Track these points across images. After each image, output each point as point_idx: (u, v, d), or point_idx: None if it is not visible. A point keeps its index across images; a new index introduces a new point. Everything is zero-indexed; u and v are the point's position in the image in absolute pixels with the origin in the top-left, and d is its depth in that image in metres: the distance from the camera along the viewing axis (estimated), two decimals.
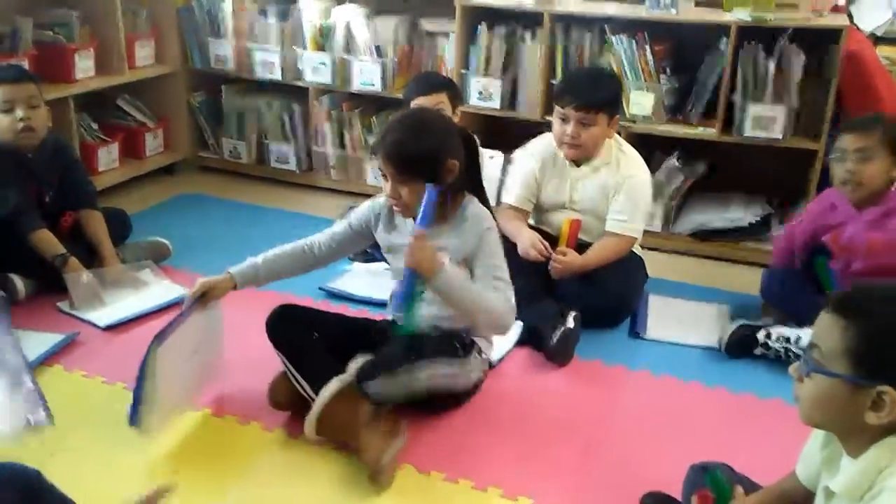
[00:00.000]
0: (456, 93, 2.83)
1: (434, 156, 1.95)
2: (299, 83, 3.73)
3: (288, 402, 2.07)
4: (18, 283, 2.60)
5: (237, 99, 3.90)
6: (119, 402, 2.08)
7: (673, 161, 3.26)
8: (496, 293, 2.05)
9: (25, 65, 3.07)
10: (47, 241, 2.59)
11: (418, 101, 2.71)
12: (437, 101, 2.69)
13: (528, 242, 2.54)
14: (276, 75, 3.74)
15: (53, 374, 2.24)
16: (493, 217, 2.12)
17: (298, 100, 3.81)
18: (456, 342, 2.06)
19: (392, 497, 1.83)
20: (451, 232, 2.06)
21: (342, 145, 3.76)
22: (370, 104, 3.72)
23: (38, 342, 2.33)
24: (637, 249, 2.77)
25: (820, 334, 1.25)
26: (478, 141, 2.12)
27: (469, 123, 3.49)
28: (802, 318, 2.37)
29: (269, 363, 2.08)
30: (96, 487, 1.73)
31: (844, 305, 1.23)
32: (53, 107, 3.13)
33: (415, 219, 1.96)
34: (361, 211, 2.19)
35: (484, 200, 2.14)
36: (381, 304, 2.48)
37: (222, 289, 2.07)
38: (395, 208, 2.05)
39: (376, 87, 3.57)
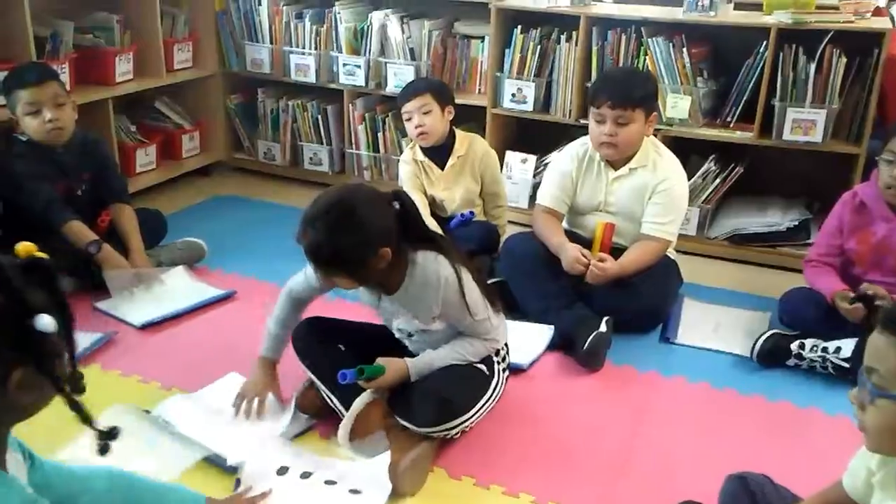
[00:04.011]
0: (441, 92, 2.88)
1: (356, 254, 1.79)
2: (334, 86, 3.75)
3: (316, 410, 2.07)
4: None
5: (272, 101, 3.93)
6: (154, 401, 2.12)
7: (709, 164, 3.21)
8: (475, 344, 2.00)
9: (66, 68, 3.13)
10: (79, 231, 2.63)
11: (406, 108, 2.84)
12: (423, 104, 2.82)
13: (573, 258, 2.50)
14: (311, 78, 3.77)
15: (91, 372, 2.27)
16: (447, 249, 1.95)
17: (333, 102, 3.83)
18: (481, 370, 2.01)
19: (422, 502, 1.82)
20: (408, 299, 1.94)
21: (376, 147, 3.77)
22: None
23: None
24: (671, 253, 2.73)
25: (875, 356, 1.17)
26: (411, 199, 1.92)
27: (501, 126, 3.50)
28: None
29: (297, 366, 2.10)
30: None
31: None
32: (92, 109, 3.20)
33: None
34: None
35: (431, 243, 1.95)
36: None
37: (274, 377, 2.10)
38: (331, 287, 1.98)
39: None
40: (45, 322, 1.05)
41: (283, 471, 1.82)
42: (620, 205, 2.64)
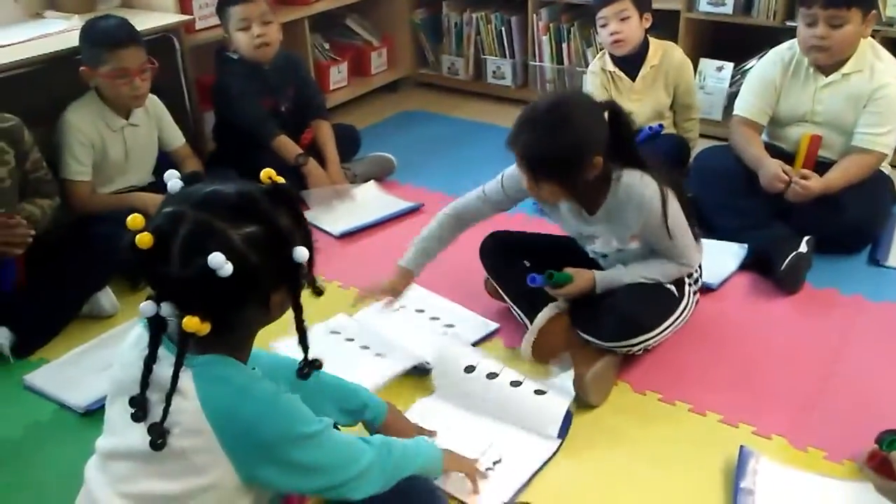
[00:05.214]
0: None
1: (573, 160, 1.75)
2: None
3: (500, 296, 2.14)
4: None
5: (456, 14, 3.93)
6: (354, 305, 2.27)
7: None
8: (667, 266, 1.94)
9: None
10: (287, 145, 2.82)
11: (603, 13, 2.70)
12: (621, 9, 2.68)
13: (772, 174, 2.36)
14: None
15: None
16: (654, 168, 1.87)
17: (517, 13, 3.77)
18: (670, 290, 1.96)
19: (607, 413, 1.85)
20: (608, 218, 1.91)
21: (560, 59, 3.69)
22: (590, 16, 3.58)
23: None
24: (885, 168, 2.51)
25: None
26: (626, 112, 1.83)
27: (696, 31, 3.29)
28: None
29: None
30: None
31: None
32: (290, 28, 3.35)
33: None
34: (517, 179, 1.94)
35: (638, 163, 1.86)
36: None
37: (402, 286, 2.13)
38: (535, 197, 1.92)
39: None
40: (302, 253, 1.14)
41: (470, 369, 1.89)
42: (829, 114, 2.42)
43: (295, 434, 1.17)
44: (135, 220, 1.10)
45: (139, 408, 1.14)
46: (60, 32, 2.67)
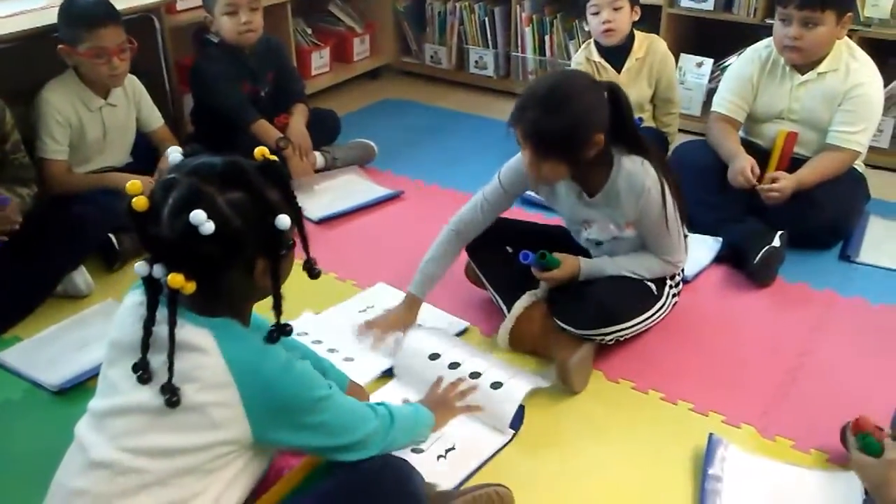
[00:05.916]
0: None
1: (576, 134, 1.75)
2: None
3: (479, 283, 2.16)
4: None
5: (440, 3, 3.92)
6: (333, 291, 2.27)
7: None
8: (653, 262, 1.96)
9: None
10: (267, 129, 2.81)
11: (596, 1, 2.70)
12: None
13: (739, 169, 2.39)
14: None
15: None
16: (654, 156, 1.88)
17: (500, 4, 3.77)
18: (649, 287, 1.97)
19: (581, 400, 1.87)
20: (606, 202, 1.91)
21: (542, 51, 3.70)
22: (573, 7, 3.60)
23: None
24: (859, 166, 2.55)
25: None
26: (625, 94, 1.82)
27: (677, 27, 3.32)
28: None
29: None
30: None
31: None
32: (272, 12, 3.34)
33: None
34: (514, 171, 1.97)
35: (639, 148, 1.87)
36: None
37: (412, 316, 2.03)
38: (534, 178, 1.89)
39: None
40: (284, 220, 1.20)
41: (434, 356, 1.90)
42: (805, 112, 2.46)
43: (309, 397, 1.24)
44: (133, 185, 1.18)
45: (143, 370, 1.19)
46: (40, 9, 2.63)
